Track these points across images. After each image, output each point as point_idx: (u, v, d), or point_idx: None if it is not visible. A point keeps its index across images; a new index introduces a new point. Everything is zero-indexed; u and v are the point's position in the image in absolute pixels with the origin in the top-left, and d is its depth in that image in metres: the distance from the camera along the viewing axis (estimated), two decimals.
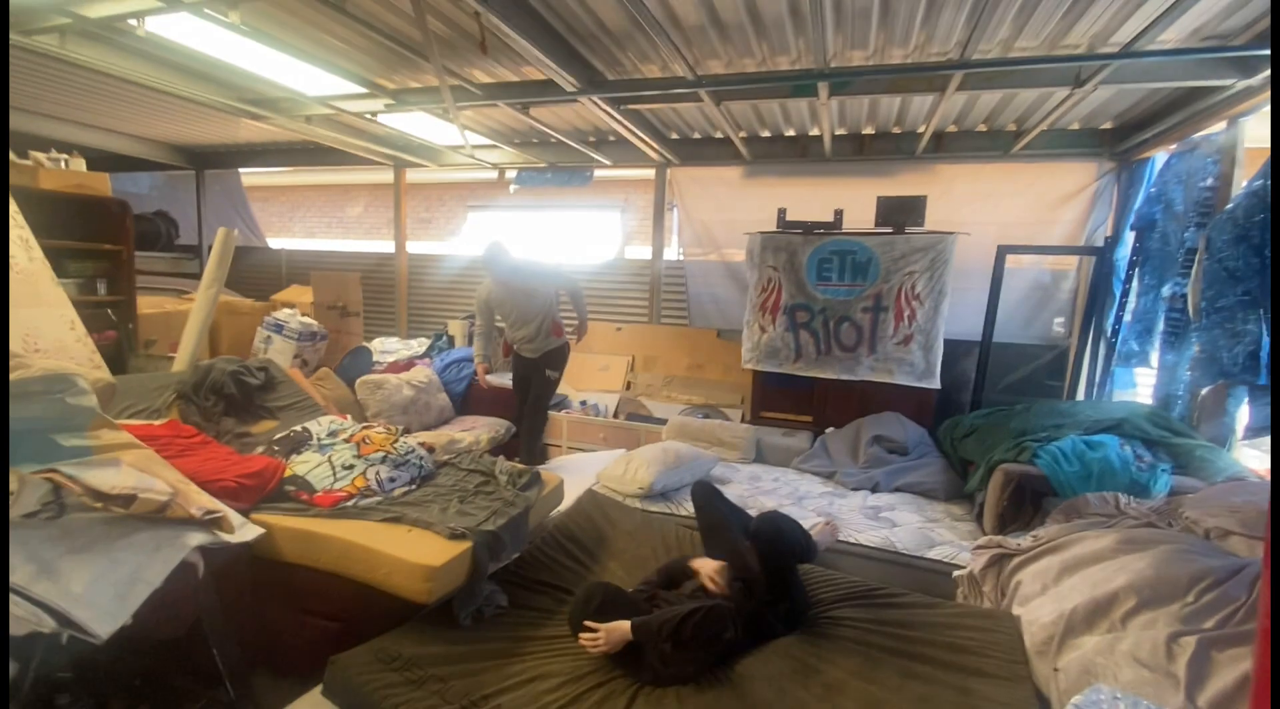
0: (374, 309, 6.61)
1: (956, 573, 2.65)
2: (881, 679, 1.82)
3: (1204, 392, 3.25)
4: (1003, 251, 4.21)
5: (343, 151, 5.50)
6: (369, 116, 4.34)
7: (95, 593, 1.28)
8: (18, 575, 1.21)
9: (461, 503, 2.49)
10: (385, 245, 6.88)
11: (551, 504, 2.89)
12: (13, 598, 1.18)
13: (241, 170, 7.17)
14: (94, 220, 4.27)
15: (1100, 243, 4.38)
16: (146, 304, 4.74)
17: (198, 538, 1.62)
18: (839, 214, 4.21)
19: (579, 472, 3.54)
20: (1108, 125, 4.27)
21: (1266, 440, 3.03)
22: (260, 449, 2.73)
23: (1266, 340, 2.77)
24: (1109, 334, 4.22)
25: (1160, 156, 3.97)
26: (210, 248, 3.63)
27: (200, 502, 1.76)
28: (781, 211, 4.34)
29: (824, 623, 2.12)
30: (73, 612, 1.23)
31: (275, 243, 7.92)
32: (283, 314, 4.81)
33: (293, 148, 6.22)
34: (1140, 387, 4.21)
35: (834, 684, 1.78)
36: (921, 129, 4.26)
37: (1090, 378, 4.34)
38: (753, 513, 2.47)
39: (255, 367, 3.37)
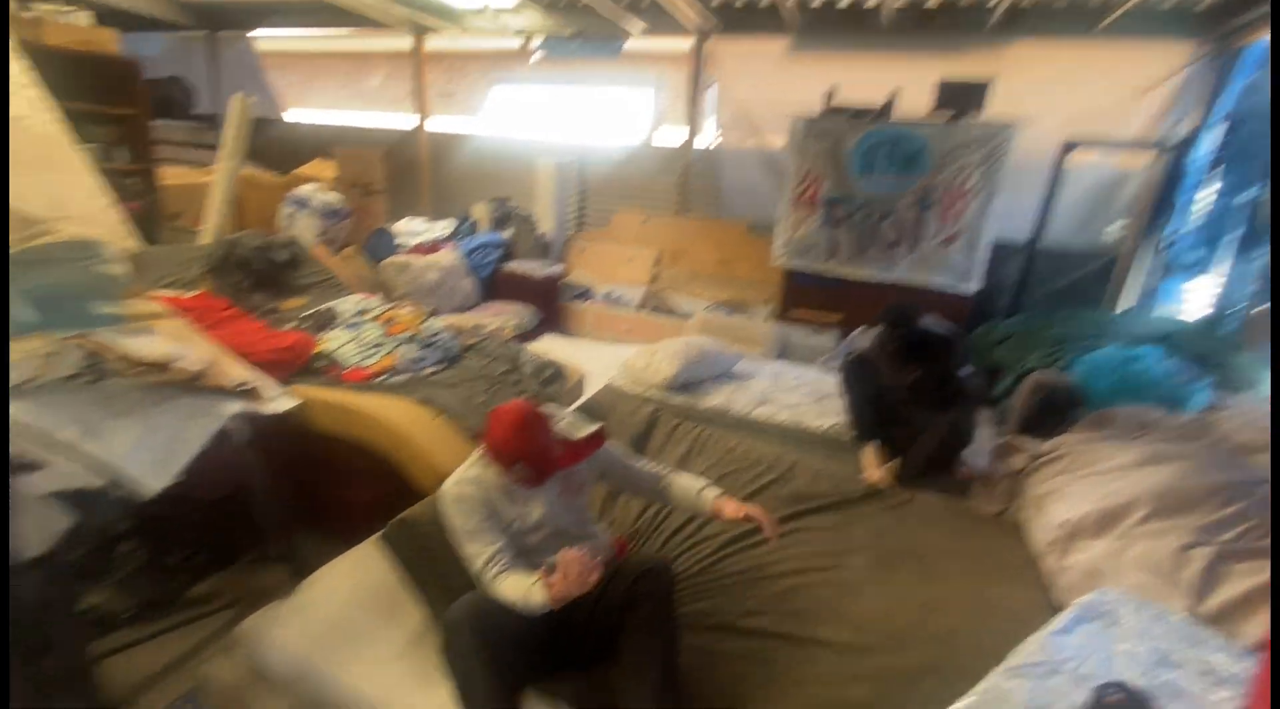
0: (397, 188, 6.46)
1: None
2: (895, 581, 1.88)
3: (1259, 307, 3.09)
4: (1067, 146, 3.87)
5: (359, 14, 5.11)
6: None
7: (140, 453, 1.35)
8: (64, 434, 1.26)
9: (486, 393, 2.53)
10: (407, 119, 6.58)
11: (573, 398, 2.93)
12: (63, 456, 1.24)
13: (254, 34, 6.77)
14: (104, 82, 4.08)
15: (1180, 139, 4.00)
16: (169, 175, 4.67)
17: (233, 407, 1.67)
18: (892, 98, 3.86)
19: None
20: (1205, 3, 3.73)
21: None
22: (290, 325, 2.77)
23: None
24: (1168, 242, 3.97)
25: (1265, 43, 3.50)
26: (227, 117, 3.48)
27: (233, 373, 1.80)
28: (829, 93, 3.99)
29: (840, 522, 2.17)
30: (121, 469, 1.30)
31: (294, 114, 7.63)
32: (305, 190, 4.71)
33: (305, 7, 5.80)
34: (1188, 302, 4.01)
35: (848, 583, 1.85)
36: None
37: (1140, 289, 4.13)
38: None
39: (280, 243, 3.35)
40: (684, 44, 5.10)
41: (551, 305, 4.84)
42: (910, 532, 2.12)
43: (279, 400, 1.95)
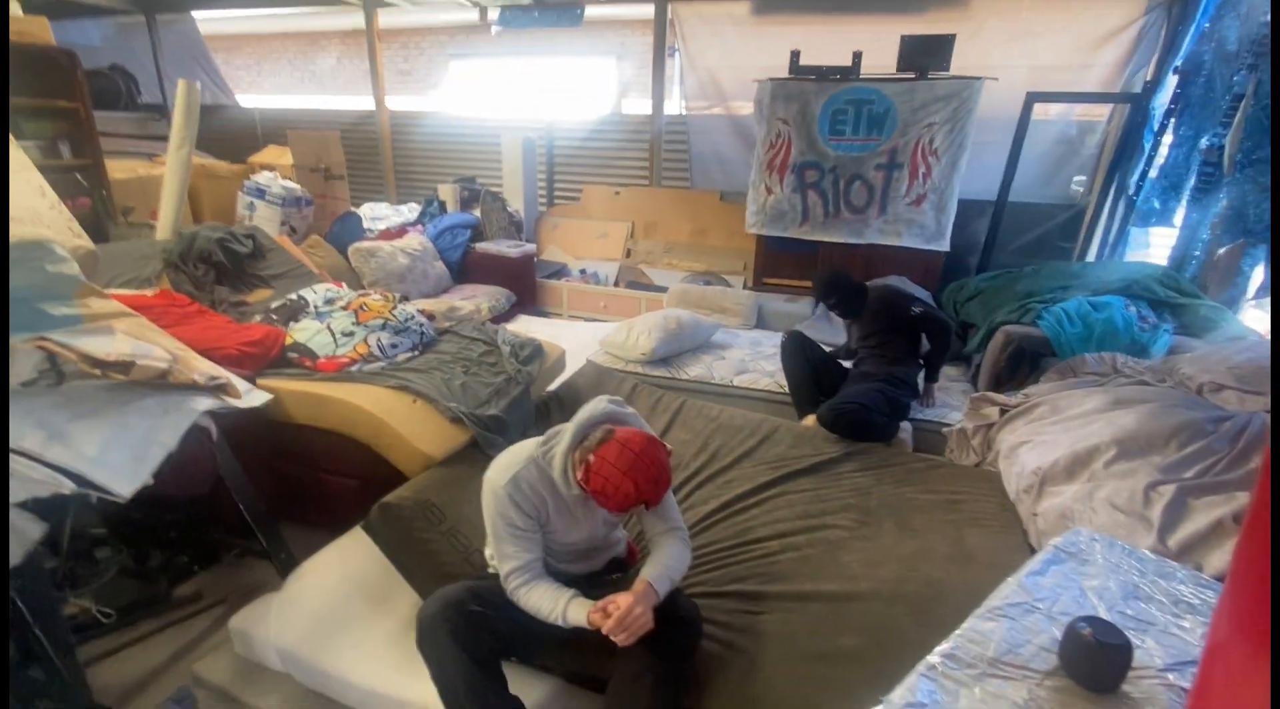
0: (358, 172, 6.29)
1: (946, 429, 2.76)
2: (879, 537, 1.93)
3: (1220, 251, 3.17)
4: (1031, 99, 3.89)
5: None
6: None
7: (110, 455, 1.31)
8: (28, 441, 1.22)
9: (465, 374, 2.50)
10: (363, 101, 6.38)
11: (554, 375, 2.91)
12: (28, 463, 1.20)
13: (197, 15, 6.46)
14: (40, 74, 3.89)
15: (1139, 89, 4.05)
16: (117, 168, 4.48)
17: (205, 403, 1.63)
18: (857, 57, 3.83)
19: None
20: None
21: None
22: (258, 318, 2.70)
23: None
24: (1131, 191, 4.04)
25: None
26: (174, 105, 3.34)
27: (202, 368, 1.76)
28: (795, 54, 3.95)
29: (821, 483, 2.21)
30: (90, 473, 1.26)
31: (246, 100, 7.35)
32: (263, 178, 4.56)
33: None
34: (1155, 247, 4.10)
35: (833, 541, 1.89)
36: None
37: (1104, 239, 4.21)
38: None
39: (242, 234, 3.25)
40: (646, 9, 4.99)
41: (526, 285, 4.79)
42: (891, 488, 2.17)
43: (252, 394, 1.91)
